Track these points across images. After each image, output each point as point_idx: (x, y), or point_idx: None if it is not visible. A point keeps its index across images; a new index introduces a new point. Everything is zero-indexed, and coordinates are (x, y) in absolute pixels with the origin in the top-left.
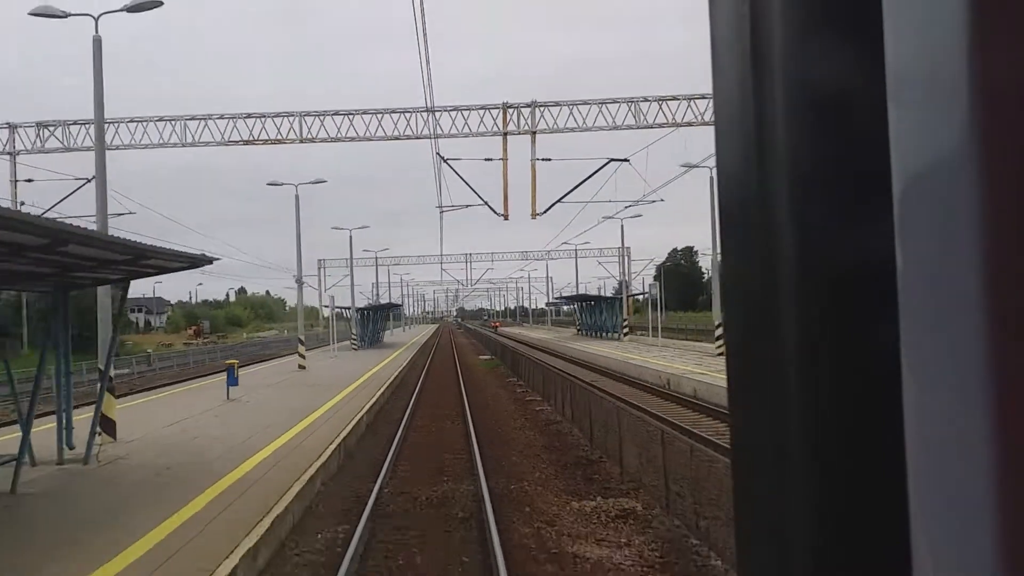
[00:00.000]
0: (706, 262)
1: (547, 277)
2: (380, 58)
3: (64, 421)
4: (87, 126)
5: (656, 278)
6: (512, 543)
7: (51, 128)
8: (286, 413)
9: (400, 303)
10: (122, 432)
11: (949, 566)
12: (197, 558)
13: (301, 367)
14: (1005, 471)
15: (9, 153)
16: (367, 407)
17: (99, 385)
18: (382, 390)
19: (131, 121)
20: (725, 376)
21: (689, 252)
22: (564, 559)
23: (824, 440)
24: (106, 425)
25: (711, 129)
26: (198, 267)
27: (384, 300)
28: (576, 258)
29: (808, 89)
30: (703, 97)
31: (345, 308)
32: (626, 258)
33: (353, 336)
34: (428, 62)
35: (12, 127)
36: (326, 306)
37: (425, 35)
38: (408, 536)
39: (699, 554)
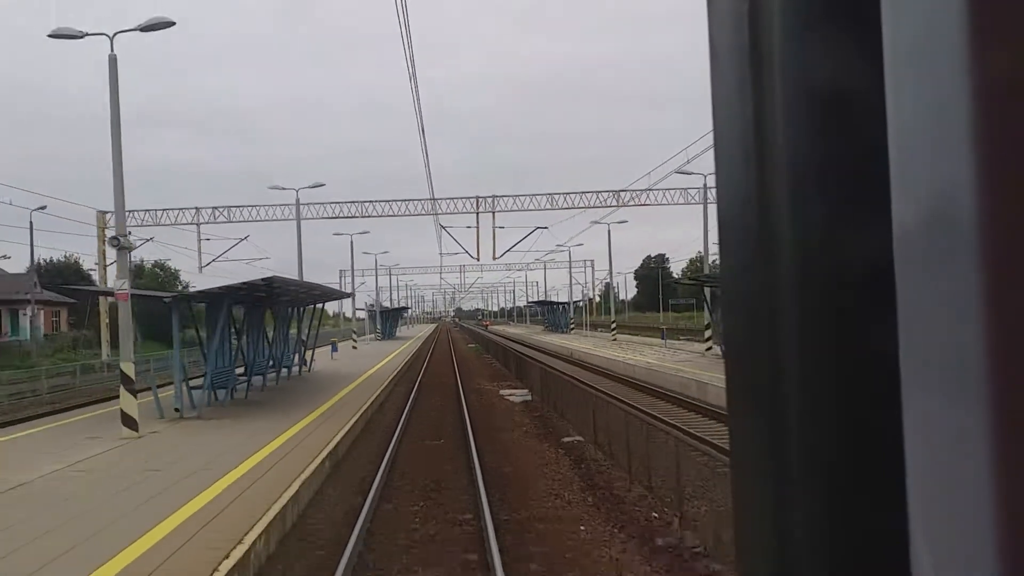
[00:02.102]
0: (676, 268)
1: (526, 283)
2: (376, 60)
3: (299, 357)
4: (242, 208)
5: (639, 283)
6: (466, 389)
7: (220, 209)
8: (365, 363)
9: (408, 306)
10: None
11: (949, 567)
12: (367, 391)
13: (354, 347)
14: (1004, 472)
15: (196, 224)
16: (404, 362)
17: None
18: (408, 357)
19: (283, 205)
20: (724, 379)
21: (662, 258)
22: (481, 390)
23: (823, 441)
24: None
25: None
26: (343, 298)
27: (387, 300)
28: (545, 270)
29: (807, 88)
30: (592, 191)
31: (371, 310)
32: (590, 269)
33: (377, 331)
34: (431, 171)
35: (198, 209)
36: (359, 308)
37: (425, 138)
38: (431, 391)
39: (524, 386)
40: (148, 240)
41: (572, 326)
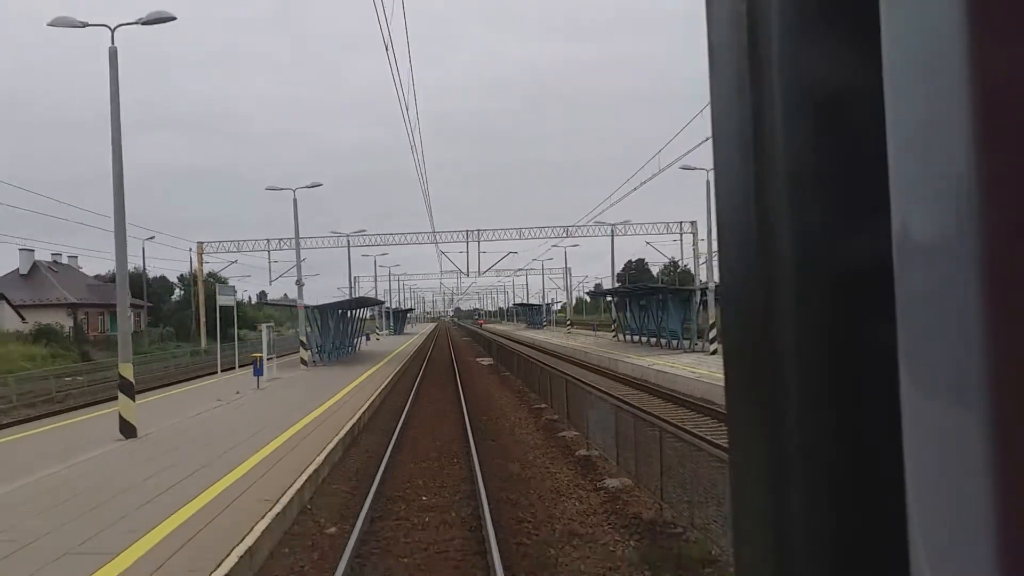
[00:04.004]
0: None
1: (513, 286)
2: (365, 65)
3: (351, 345)
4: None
5: (620, 285)
6: (459, 362)
7: (282, 240)
8: (390, 348)
9: (413, 307)
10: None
11: (948, 567)
12: (392, 365)
13: (377, 339)
14: (1003, 472)
15: (267, 251)
16: (416, 348)
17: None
18: (419, 345)
19: (324, 236)
20: (724, 377)
21: (642, 263)
22: (466, 360)
23: (822, 441)
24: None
25: (546, 239)
26: (380, 305)
27: (395, 302)
28: (527, 276)
29: (806, 88)
30: (548, 226)
31: (384, 311)
32: (569, 275)
33: (390, 327)
34: (431, 212)
35: (268, 240)
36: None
37: (425, 178)
38: (435, 362)
39: (491, 356)
40: (234, 262)
41: (545, 323)
